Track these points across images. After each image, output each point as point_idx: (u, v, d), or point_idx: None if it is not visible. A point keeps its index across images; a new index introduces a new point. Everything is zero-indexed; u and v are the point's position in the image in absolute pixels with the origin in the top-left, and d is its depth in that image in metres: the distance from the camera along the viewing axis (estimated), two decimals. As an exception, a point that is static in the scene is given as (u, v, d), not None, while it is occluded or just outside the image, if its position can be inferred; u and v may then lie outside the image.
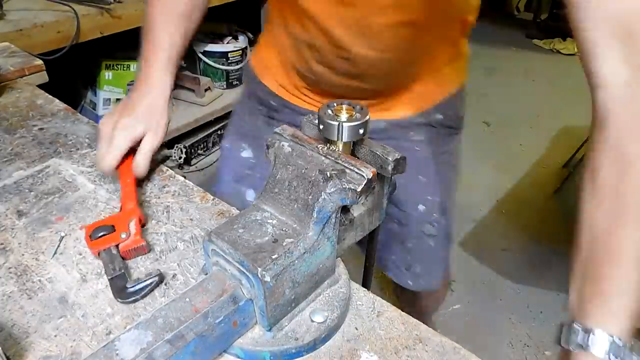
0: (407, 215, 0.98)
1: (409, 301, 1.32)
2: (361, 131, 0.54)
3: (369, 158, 0.58)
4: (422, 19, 0.75)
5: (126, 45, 2.06)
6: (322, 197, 0.49)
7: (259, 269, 0.46)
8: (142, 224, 0.67)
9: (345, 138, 0.54)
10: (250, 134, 1.03)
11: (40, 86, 1.04)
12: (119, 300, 0.57)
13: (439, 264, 1.07)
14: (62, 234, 0.66)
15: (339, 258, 0.59)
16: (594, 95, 0.51)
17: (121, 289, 0.57)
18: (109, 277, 0.58)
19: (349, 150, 0.57)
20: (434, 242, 1.01)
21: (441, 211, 0.99)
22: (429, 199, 0.97)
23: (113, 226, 0.63)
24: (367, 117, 0.55)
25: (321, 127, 0.54)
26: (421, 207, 0.97)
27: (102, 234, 0.62)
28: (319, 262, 0.52)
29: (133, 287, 0.57)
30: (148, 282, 0.57)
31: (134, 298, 0.57)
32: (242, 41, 2.55)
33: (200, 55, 2.48)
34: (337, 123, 0.53)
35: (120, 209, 0.68)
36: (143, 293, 0.57)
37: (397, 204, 0.98)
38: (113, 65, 2.04)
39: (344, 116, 0.54)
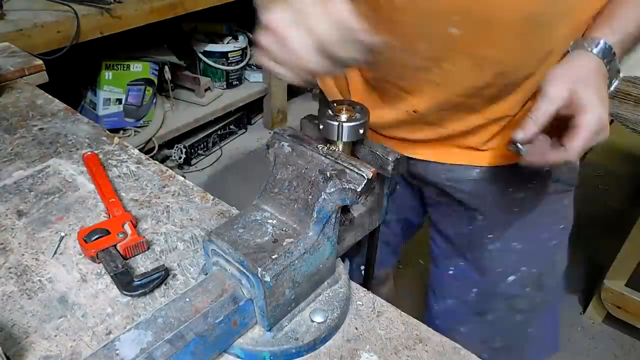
0: (494, 284, 0.84)
1: None
2: (361, 131, 0.54)
3: (369, 158, 0.58)
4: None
5: (126, 45, 2.06)
6: (322, 197, 0.49)
7: (259, 269, 0.46)
8: (134, 226, 0.67)
9: (345, 138, 0.54)
10: None
11: (40, 86, 1.04)
12: (126, 293, 0.57)
13: (527, 342, 0.91)
14: (62, 234, 0.66)
15: (339, 258, 0.59)
16: None
17: (127, 283, 0.57)
18: (112, 274, 0.58)
19: (349, 150, 0.57)
20: (523, 318, 0.87)
21: (537, 286, 0.85)
22: (523, 269, 0.83)
23: (107, 229, 0.63)
24: (367, 117, 0.55)
25: (321, 127, 0.54)
26: (511, 279, 0.83)
27: (97, 236, 0.62)
28: (319, 262, 0.52)
29: (140, 281, 0.57)
30: (155, 276, 0.58)
31: (141, 291, 0.57)
32: (242, 41, 2.55)
33: (200, 55, 2.48)
34: (337, 123, 0.53)
35: (108, 215, 0.68)
36: (151, 286, 0.57)
37: (482, 270, 0.84)
38: (113, 65, 2.04)
39: (344, 116, 0.54)
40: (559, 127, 0.58)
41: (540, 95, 0.56)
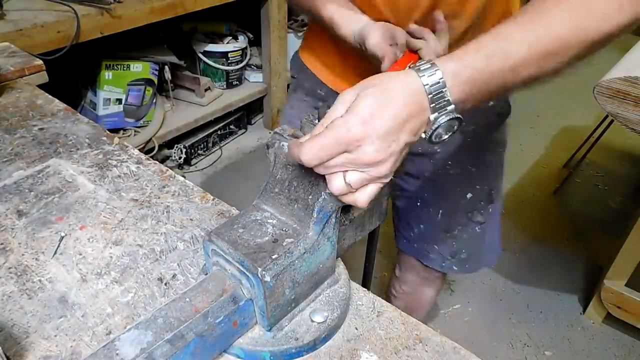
0: (455, 203, 1.00)
1: (406, 298, 1.31)
2: None
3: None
4: None
5: (126, 45, 2.06)
6: (322, 197, 0.49)
7: (259, 269, 0.46)
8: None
9: None
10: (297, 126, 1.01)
11: (40, 86, 1.04)
12: None
13: (484, 249, 1.11)
14: (62, 234, 0.66)
15: (339, 258, 0.59)
16: None
17: None
18: None
19: None
20: (480, 229, 1.05)
21: (489, 199, 1.02)
22: (477, 188, 1.00)
23: None
24: None
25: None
26: (469, 196, 1.00)
27: None
28: (319, 262, 0.52)
29: None
30: None
31: None
32: (242, 41, 2.55)
33: (200, 55, 2.48)
34: None
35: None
36: None
37: (445, 193, 1.01)
38: (113, 65, 2.04)
39: None
40: None
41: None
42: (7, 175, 0.77)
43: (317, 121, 0.57)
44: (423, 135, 0.50)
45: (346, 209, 0.60)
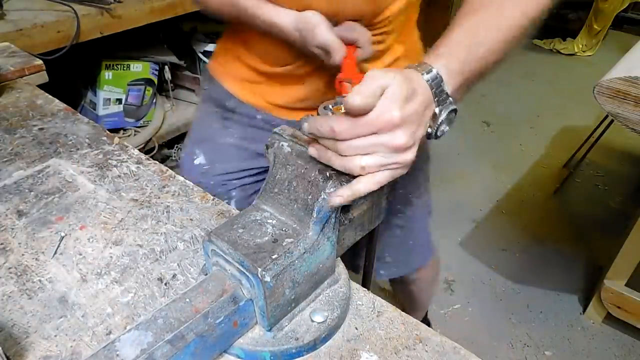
0: None
1: (402, 291, 1.32)
2: None
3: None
4: None
5: (126, 45, 2.06)
6: (322, 197, 0.49)
7: (259, 269, 0.46)
8: None
9: None
10: (205, 138, 1.01)
11: (40, 86, 1.04)
12: None
13: (410, 252, 1.11)
14: (62, 234, 0.66)
15: (339, 258, 0.59)
16: None
17: None
18: None
19: None
20: (401, 232, 1.05)
21: (405, 202, 1.02)
22: (392, 192, 0.99)
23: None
24: None
25: None
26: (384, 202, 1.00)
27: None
28: (319, 262, 0.52)
29: None
30: None
31: None
32: (242, 41, 2.54)
33: (200, 55, 2.47)
34: None
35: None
36: None
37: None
38: (113, 65, 2.04)
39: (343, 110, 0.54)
40: None
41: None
42: (7, 175, 0.77)
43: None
44: (429, 130, 0.53)
45: (346, 208, 0.60)
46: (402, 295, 1.44)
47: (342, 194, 0.49)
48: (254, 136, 0.96)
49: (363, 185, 0.49)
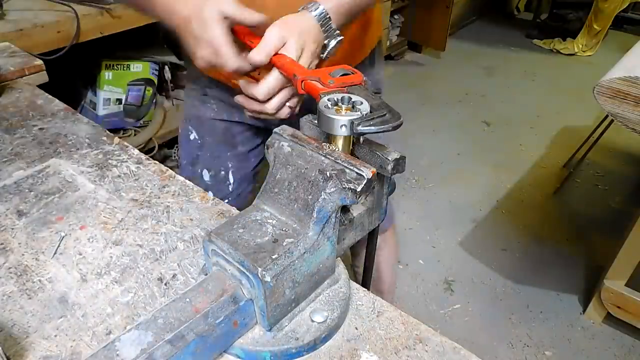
0: None
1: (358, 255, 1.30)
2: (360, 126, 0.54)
3: (369, 158, 0.58)
4: None
5: (126, 45, 2.06)
6: (322, 197, 0.49)
7: (259, 269, 0.46)
8: None
9: (345, 132, 0.54)
10: (192, 116, 1.06)
11: (40, 86, 1.04)
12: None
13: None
14: (62, 234, 0.66)
15: (339, 258, 0.59)
16: None
17: None
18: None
19: (349, 146, 0.57)
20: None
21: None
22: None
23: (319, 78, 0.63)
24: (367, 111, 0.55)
25: (321, 121, 0.54)
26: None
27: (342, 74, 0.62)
28: (319, 262, 0.52)
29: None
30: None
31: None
32: (242, 41, 2.54)
33: (200, 55, 2.47)
34: (337, 117, 0.53)
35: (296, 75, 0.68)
36: None
37: None
38: (113, 65, 2.04)
39: (343, 110, 0.54)
40: None
41: (271, 31, 0.69)
42: (7, 175, 0.77)
43: (316, 122, 0.57)
44: (321, 56, 0.74)
45: (346, 208, 0.60)
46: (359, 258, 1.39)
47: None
48: (231, 106, 0.99)
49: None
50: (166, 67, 2.20)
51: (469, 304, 1.88)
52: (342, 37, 0.74)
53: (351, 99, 0.56)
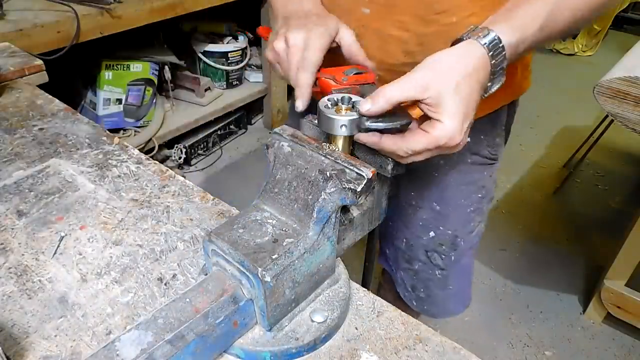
0: (416, 237, 0.93)
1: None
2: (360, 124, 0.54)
3: (369, 158, 0.58)
4: None
5: (126, 45, 2.06)
6: (322, 197, 0.49)
7: (259, 269, 0.46)
8: None
9: (346, 132, 0.54)
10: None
11: (40, 86, 1.04)
12: None
13: (447, 298, 1.02)
14: (62, 234, 0.66)
15: (339, 258, 0.59)
16: None
17: None
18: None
19: (349, 146, 0.57)
20: (442, 275, 0.97)
21: (452, 245, 0.93)
22: (440, 228, 0.91)
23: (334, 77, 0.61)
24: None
25: (321, 121, 0.54)
26: (431, 234, 0.92)
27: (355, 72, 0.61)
28: (319, 262, 0.52)
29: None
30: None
31: None
32: (242, 41, 2.55)
33: (200, 55, 2.47)
34: (337, 117, 0.53)
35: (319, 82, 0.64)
36: None
37: (407, 223, 0.93)
38: (113, 65, 2.04)
39: (344, 110, 0.54)
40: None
41: (410, 73, 0.53)
42: (7, 175, 0.77)
43: (316, 121, 0.57)
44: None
45: (346, 208, 0.60)
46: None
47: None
48: None
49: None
50: (166, 67, 2.20)
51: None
52: (504, 79, 0.57)
53: (351, 99, 0.56)
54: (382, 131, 0.54)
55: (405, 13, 0.69)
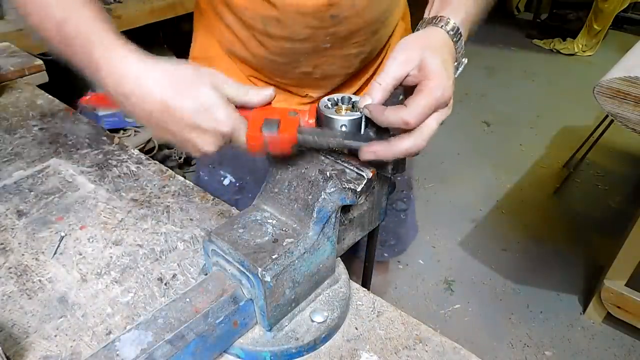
0: None
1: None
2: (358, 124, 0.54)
3: (369, 158, 0.58)
4: None
5: (126, 45, 2.06)
6: (322, 197, 0.49)
7: (259, 269, 0.46)
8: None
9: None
10: (224, 158, 0.91)
11: (40, 86, 1.04)
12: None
13: (408, 231, 1.15)
14: (62, 234, 0.66)
15: (339, 258, 0.59)
16: None
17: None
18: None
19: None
20: (404, 215, 1.08)
21: (407, 186, 1.06)
22: (398, 179, 0.99)
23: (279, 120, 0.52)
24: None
25: (321, 121, 0.54)
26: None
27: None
28: (319, 262, 0.52)
29: None
30: None
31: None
32: (242, 41, 2.54)
33: (200, 55, 2.47)
34: (337, 117, 0.53)
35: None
36: None
37: None
38: (113, 65, 2.04)
39: (344, 110, 0.54)
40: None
41: (390, 59, 0.55)
42: (7, 175, 0.77)
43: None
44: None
45: (346, 208, 0.60)
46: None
47: (376, 149, 0.52)
48: None
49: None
50: (166, 67, 2.19)
51: (469, 304, 1.88)
52: (466, 61, 0.63)
53: (351, 99, 0.56)
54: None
55: (362, 35, 0.77)
